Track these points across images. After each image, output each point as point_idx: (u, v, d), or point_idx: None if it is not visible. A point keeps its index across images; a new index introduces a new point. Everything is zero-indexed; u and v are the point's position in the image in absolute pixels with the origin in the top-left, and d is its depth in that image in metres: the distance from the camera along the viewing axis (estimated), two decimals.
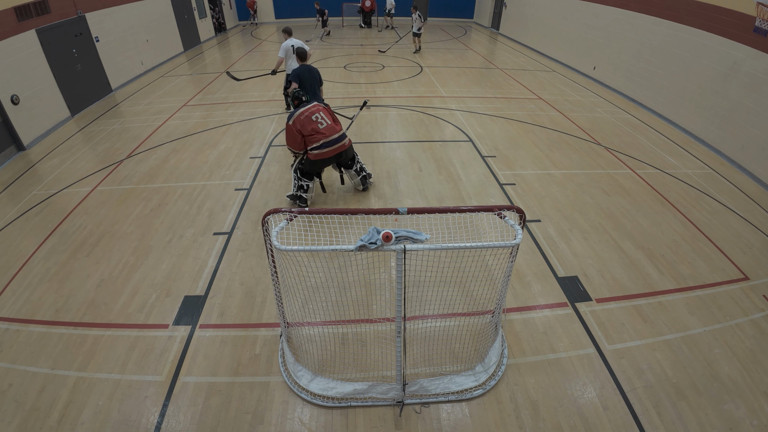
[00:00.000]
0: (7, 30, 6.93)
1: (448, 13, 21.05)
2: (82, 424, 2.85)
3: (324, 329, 3.57)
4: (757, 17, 6.20)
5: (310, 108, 4.91)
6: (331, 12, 20.80)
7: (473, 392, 3.05)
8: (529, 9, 14.57)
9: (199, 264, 4.35)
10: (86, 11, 9.17)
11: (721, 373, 3.23)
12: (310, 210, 2.68)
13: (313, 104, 4.97)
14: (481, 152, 6.82)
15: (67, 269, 4.30)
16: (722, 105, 6.86)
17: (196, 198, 5.52)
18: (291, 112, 4.94)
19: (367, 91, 9.95)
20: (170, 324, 3.64)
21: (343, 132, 5.07)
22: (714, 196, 5.71)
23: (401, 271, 2.45)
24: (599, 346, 3.45)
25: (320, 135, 4.85)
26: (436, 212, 2.59)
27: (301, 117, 4.84)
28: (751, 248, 4.66)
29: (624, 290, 4.04)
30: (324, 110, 4.98)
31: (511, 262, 2.89)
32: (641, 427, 2.85)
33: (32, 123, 7.33)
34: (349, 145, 5.15)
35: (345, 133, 5.10)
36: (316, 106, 4.95)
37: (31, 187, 5.91)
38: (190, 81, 10.96)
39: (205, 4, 16.26)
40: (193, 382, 3.15)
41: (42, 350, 3.40)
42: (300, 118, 4.84)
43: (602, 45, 10.48)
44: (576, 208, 5.31)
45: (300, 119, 4.84)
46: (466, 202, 5.49)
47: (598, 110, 8.83)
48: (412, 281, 3.37)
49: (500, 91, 10.02)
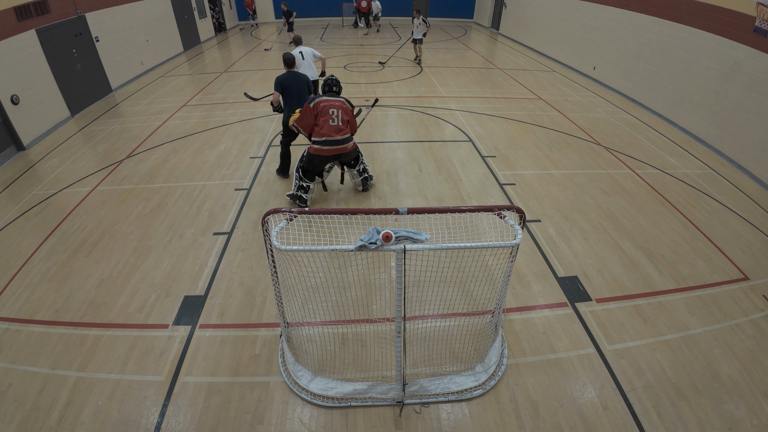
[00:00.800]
0: (7, 30, 6.93)
1: (448, 13, 21.07)
2: (82, 424, 2.85)
3: (324, 329, 3.57)
4: (757, 17, 6.20)
5: (333, 101, 4.86)
6: (331, 12, 20.89)
7: (473, 392, 3.05)
8: (529, 9, 14.58)
9: (199, 264, 4.35)
10: (86, 11, 9.17)
11: (721, 373, 3.23)
12: (310, 210, 2.68)
13: (339, 99, 4.92)
14: (481, 152, 6.82)
15: (67, 269, 4.30)
16: (722, 105, 6.86)
17: (196, 198, 5.52)
18: (315, 96, 4.92)
19: (367, 91, 9.95)
20: (170, 324, 3.64)
21: (350, 135, 5.02)
22: (714, 196, 5.71)
23: (401, 271, 2.45)
24: (599, 346, 3.45)
25: (326, 130, 4.82)
26: (436, 212, 2.59)
27: (322, 104, 4.81)
28: (751, 248, 4.66)
29: (624, 290, 4.04)
30: (343, 110, 4.90)
31: (511, 262, 2.89)
32: (641, 427, 2.85)
33: (32, 123, 7.33)
34: (351, 149, 5.09)
35: (351, 136, 5.06)
36: (339, 101, 4.89)
37: (31, 187, 5.91)
38: (190, 81, 10.96)
39: (205, 4, 16.26)
40: (193, 382, 3.14)
41: (42, 350, 3.40)
42: (321, 104, 4.81)
43: (602, 45, 10.48)
44: (576, 208, 5.31)
45: (320, 105, 4.81)
46: (466, 202, 5.49)
47: (598, 110, 8.84)
48: (412, 281, 3.38)
49: (500, 91, 10.02)
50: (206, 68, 12.28)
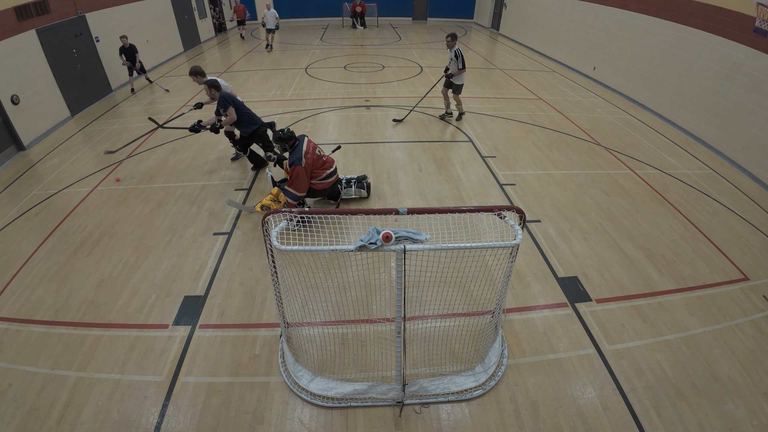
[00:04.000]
0: (7, 30, 6.93)
1: (448, 13, 21.07)
2: (82, 424, 2.85)
3: (324, 329, 3.57)
4: (757, 17, 6.20)
5: (308, 144, 4.60)
6: (331, 12, 20.86)
7: (473, 392, 3.05)
8: (529, 9, 14.58)
9: (199, 264, 4.35)
10: (86, 11, 9.17)
11: (721, 374, 3.23)
12: (310, 210, 2.68)
13: (305, 138, 4.62)
14: (481, 152, 6.82)
15: (67, 269, 4.30)
16: (722, 105, 6.86)
17: (196, 198, 5.52)
18: (294, 154, 4.50)
19: (367, 91, 9.95)
20: (170, 324, 3.64)
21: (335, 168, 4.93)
22: (714, 196, 5.71)
23: (401, 272, 2.45)
24: (599, 347, 3.45)
25: (326, 166, 4.72)
26: (436, 212, 2.59)
27: (309, 154, 4.54)
28: (751, 248, 4.66)
29: (624, 290, 4.04)
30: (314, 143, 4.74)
31: (510, 263, 2.89)
32: (641, 427, 2.85)
33: (32, 123, 7.33)
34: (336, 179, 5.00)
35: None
36: (309, 142, 4.64)
37: (31, 187, 5.91)
38: (190, 81, 10.95)
39: (205, 5, 16.26)
40: (193, 382, 3.14)
41: (42, 350, 3.40)
42: (310, 156, 4.53)
43: (602, 45, 10.48)
44: (576, 209, 5.31)
45: (311, 158, 4.55)
46: (466, 202, 5.49)
47: (598, 110, 8.83)
48: (412, 281, 3.37)
49: (500, 91, 10.02)
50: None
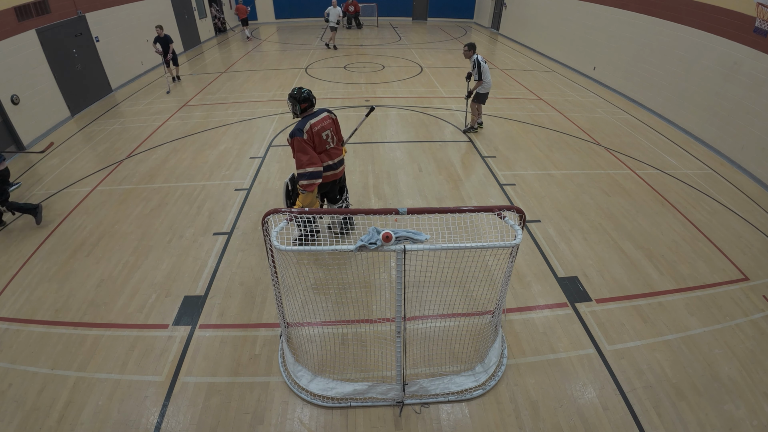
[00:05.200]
0: (7, 30, 6.93)
1: (448, 13, 21.07)
2: (82, 424, 2.85)
3: (324, 329, 3.57)
4: (757, 17, 6.20)
5: (322, 120, 3.89)
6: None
7: (473, 392, 3.05)
8: (529, 9, 14.58)
9: (199, 264, 4.35)
10: (86, 11, 9.17)
11: (721, 374, 3.22)
12: (310, 210, 2.68)
13: (324, 114, 3.94)
14: (481, 152, 6.82)
15: (67, 269, 4.30)
16: (722, 105, 6.85)
17: (196, 198, 5.52)
18: (298, 124, 3.82)
19: (367, 91, 9.95)
20: (170, 324, 3.64)
21: (343, 157, 4.24)
22: (714, 196, 5.71)
23: (401, 272, 2.45)
24: (599, 347, 3.45)
25: (325, 156, 3.98)
26: (436, 212, 2.59)
27: (314, 130, 3.82)
28: (751, 248, 4.66)
29: (624, 290, 4.04)
30: (333, 126, 4.05)
31: (510, 263, 2.89)
32: (641, 427, 2.85)
33: (32, 123, 7.33)
34: (342, 173, 4.30)
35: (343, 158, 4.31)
36: (328, 119, 3.96)
37: (31, 187, 5.91)
38: (190, 81, 10.96)
39: (205, 4, 16.26)
40: (193, 382, 3.14)
41: (42, 350, 3.40)
42: (313, 130, 3.81)
43: (602, 45, 10.48)
44: (576, 209, 5.31)
45: (312, 132, 3.81)
46: (466, 202, 5.49)
47: (598, 110, 8.83)
48: (412, 281, 3.38)
49: (500, 91, 10.02)
50: (206, 68, 12.28)
